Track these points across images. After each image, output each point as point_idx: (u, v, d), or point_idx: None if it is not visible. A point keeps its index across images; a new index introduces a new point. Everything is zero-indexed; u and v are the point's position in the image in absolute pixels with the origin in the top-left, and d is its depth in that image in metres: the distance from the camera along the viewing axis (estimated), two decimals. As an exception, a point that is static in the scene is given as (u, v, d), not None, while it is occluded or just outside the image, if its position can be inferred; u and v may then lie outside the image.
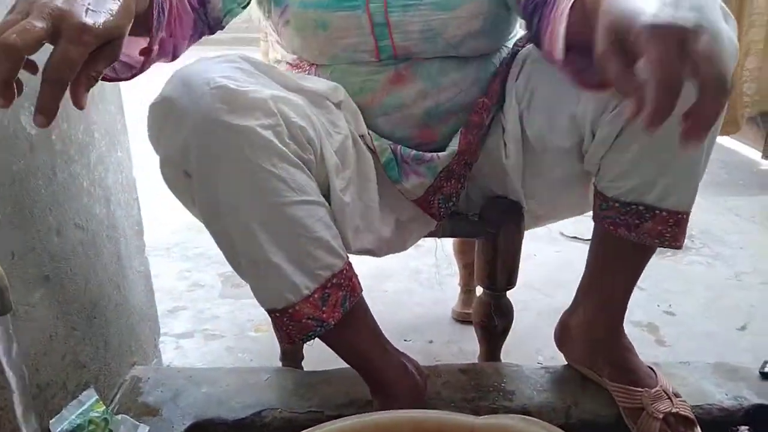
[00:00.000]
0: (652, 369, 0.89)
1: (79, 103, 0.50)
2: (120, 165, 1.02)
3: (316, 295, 0.73)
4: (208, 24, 0.84)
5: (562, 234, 1.83)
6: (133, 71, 0.67)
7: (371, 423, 0.61)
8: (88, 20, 0.48)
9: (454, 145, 0.87)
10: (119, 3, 0.51)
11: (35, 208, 0.77)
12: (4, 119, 0.70)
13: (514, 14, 0.88)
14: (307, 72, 0.91)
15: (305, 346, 1.07)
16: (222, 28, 0.87)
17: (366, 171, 0.85)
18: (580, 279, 0.91)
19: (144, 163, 1.08)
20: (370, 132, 0.86)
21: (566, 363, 0.97)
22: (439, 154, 0.86)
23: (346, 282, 0.76)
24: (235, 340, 1.31)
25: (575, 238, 1.79)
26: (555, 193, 0.89)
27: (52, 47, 0.47)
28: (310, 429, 0.59)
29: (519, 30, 0.96)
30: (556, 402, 0.90)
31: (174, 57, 0.78)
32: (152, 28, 0.62)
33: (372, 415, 0.62)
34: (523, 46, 0.90)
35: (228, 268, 0.78)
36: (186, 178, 0.72)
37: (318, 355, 0.97)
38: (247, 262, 0.73)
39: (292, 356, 1.07)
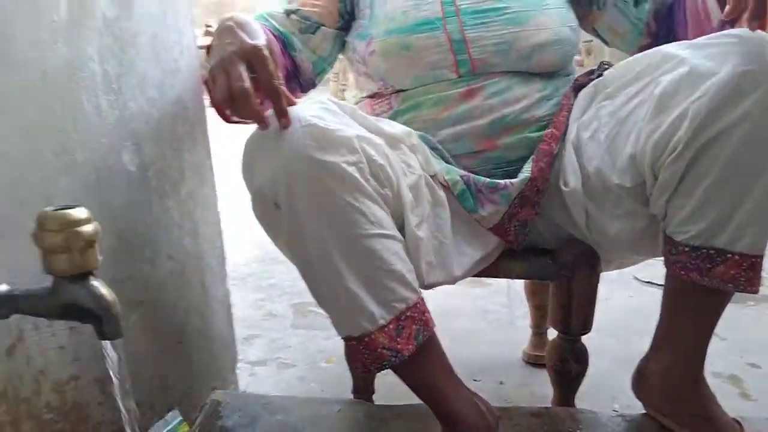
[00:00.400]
0: (737, 422, 0.85)
1: (292, 101, 0.72)
2: (207, 200, 1.08)
3: (391, 326, 0.76)
4: (300, 85, 0.96)
5: (635, 278, 1.78)
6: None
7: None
8: (255, 42, 0.72)
9: (526, 172, 0.89)
10: (259, 31, 0.76)
11: (133, 239, 0.83)
12: (109, 158, 0.77)
13: (577, 35, 0.98)
14: (388, 101, 0.98)
15: (377, 379, 1.09)
16: (315, 86, 1.00)
17: (439, 210, 0.88)
18: (655, 325, 0.89)
19: (225, 200, 1.15)
20: (441, 169, 0.90)
21: (644, 411, 0.94)
22: (512, 181, 0.89)
23: (420, 316, 0.79)
24: (306, 370, 1.35)
25: (650, 282, 1.74)
26: (622, 234, 0.88)
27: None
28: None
29: (575, 68, 1.04)
30: (633, 452, 0.88)
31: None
32: None
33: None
34: (585, 83, 0.95)
35: (299, 300, 0.82)
36: (275, 210, 0.76)
37: (389, 391, 0.99)
38: (327, 290, 0.77)
39: (364, 389, 1.08)
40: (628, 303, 1.64)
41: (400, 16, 0.93)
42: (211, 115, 1.14)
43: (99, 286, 0.49)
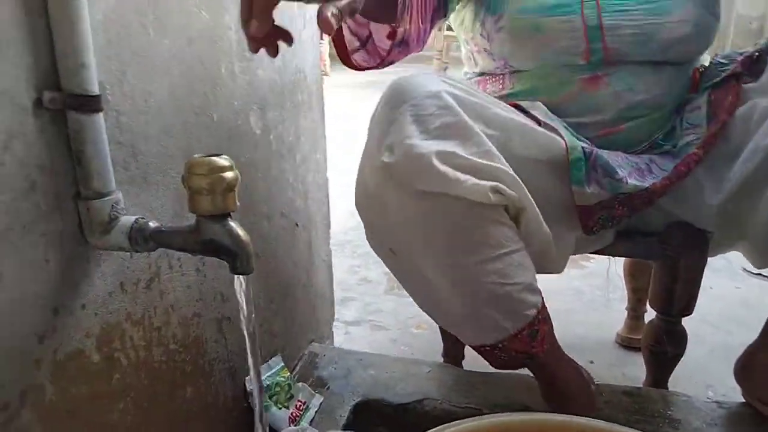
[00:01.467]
0: None
1: (327, 28, 0.55)
2: (318, 166, 1.15)
3: (524, 332, 0.77)
4: (444, 12, 0.90)
5: (744, 269, 1.69)
6: (379, 59, 0.75)
7: (535, 421, 0.64)
8: None
9: (647, 183, 0.83)
10: None
11: (254, 196, 0.91)
12: (239, 120, 0.84)
13: (719, 20, 0.91)
14: (501, 81, 0.96)
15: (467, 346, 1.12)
16: (446, 16, 0.95)
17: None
18: (761, 318, 0.86)
19: (330, 167, 1.20)
20: (564, 133, 0.85)
21: (743, 401, 0.92)
22: (629, 180, 0.83)
23: (547, 314, 0.80)
24: (398, 333, 1.40)
25: (759, 275, 1.65)
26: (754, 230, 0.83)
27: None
28: (478, 417, 0.64)
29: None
30: (727, 439, 0.86)
31: (420, 46, 0.84)
32: (397, 12, 0.71)
33: (538, 414, 0.65)
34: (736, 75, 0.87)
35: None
36: (391, 254, 0.79)
37: (478, 357, 1.02)
38: (452, 313, 0.79)
39: (453, 354, 1.12)
40: (734, 294, 1.57)
41: None
42: (326, 84, 1.20)
43: (235, 226, 0.55)
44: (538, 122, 0.86)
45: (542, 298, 0.80)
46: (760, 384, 0.88)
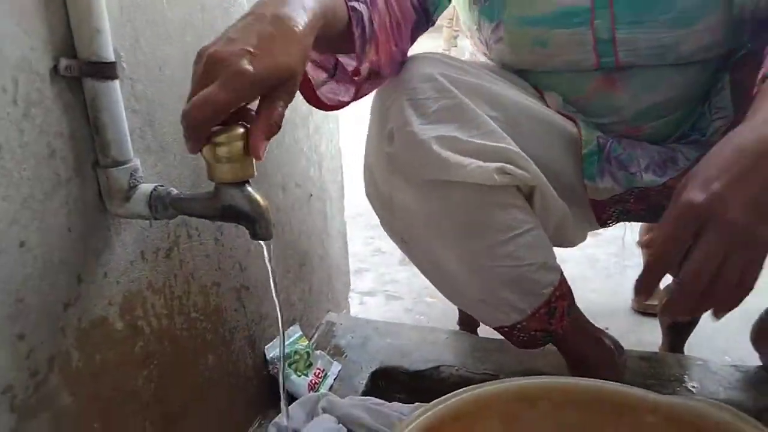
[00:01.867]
0: None
1: (256, 153, 0.49)
2: (331, 135, 1.14)
3: (542, 311, 0.76)
4: (426, 20, 0.78)
5: (761, 237, 1.68)
6: (353, 87, 0.67)
7: (550, 384, 0.64)
8: (246, 66, 0.45)
9: (665, 176, 0.78)
10: (288, 42, 0.48)
11: (268, 166, 0.91)
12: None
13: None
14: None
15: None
16: (433, 24, 0.82)
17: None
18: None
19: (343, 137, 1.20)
20: (579, 121, 0.81)
21: (760, 365, 0.92)
22: (644, 175, 0.79)
23: (566, 289, 0.79)
24: (412, 303, 1.42)
25: (777, 242, 1.64)
26: None
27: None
28: (494, 381, 0.64)
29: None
30: (745, 402, 0.85)
31: (398, 70, 0.76)
32: (356, 48, 0.62)
33: (553, 378, 0.65)
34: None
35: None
36: (402, 243, 0.79)
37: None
38: (466, 298, 0.79)
39: (469, 322, 1.13)
40: (750, 261, 1.56)
41: (540, 0, 0.77)
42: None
43: (254, 192, 0.55)
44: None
45: (561, 273, 0.78)
46: (776, 347, 0.88)
